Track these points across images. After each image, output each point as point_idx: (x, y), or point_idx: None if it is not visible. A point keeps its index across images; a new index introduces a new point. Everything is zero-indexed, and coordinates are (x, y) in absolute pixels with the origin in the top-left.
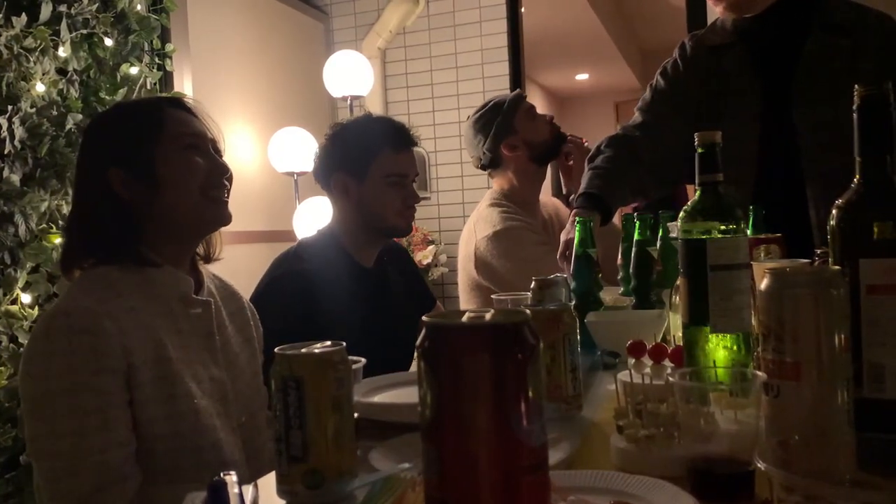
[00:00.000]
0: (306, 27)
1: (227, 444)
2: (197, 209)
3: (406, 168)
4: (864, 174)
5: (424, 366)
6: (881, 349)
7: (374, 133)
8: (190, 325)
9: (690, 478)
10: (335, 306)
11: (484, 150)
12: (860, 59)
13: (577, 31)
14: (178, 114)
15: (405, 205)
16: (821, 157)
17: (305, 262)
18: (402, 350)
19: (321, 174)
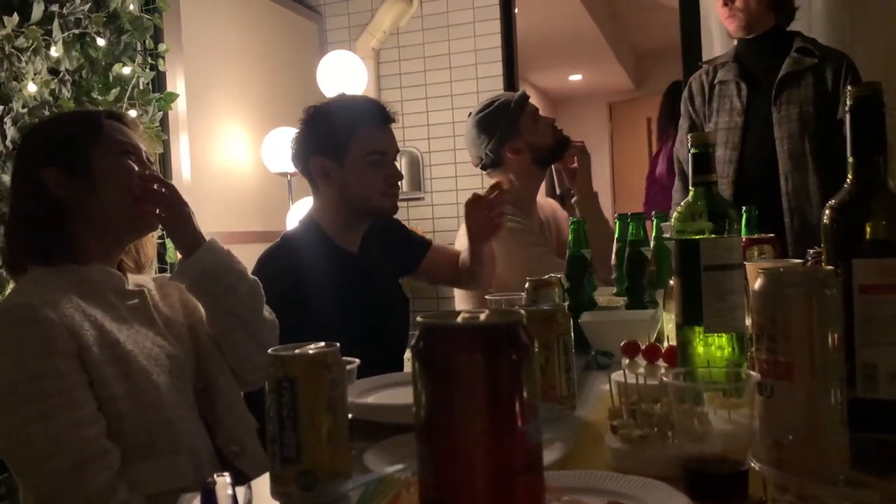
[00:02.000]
0: (300, 27)
1: (192, 417)
2: (129, 212)
3: (386, 145)
4: (857, 175)
5: (419, 366)
6: (874, 349)
7: (350, 112)
8: (132, 314)
9: (684, 478)
10: (322, 296)
11: (486, 151)
12: (821, 76)
13: (570, 32)
14: (115, 125)
15: (388, 184)
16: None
17: (288, 256)
18: (391, 335)
19: (299, 159)
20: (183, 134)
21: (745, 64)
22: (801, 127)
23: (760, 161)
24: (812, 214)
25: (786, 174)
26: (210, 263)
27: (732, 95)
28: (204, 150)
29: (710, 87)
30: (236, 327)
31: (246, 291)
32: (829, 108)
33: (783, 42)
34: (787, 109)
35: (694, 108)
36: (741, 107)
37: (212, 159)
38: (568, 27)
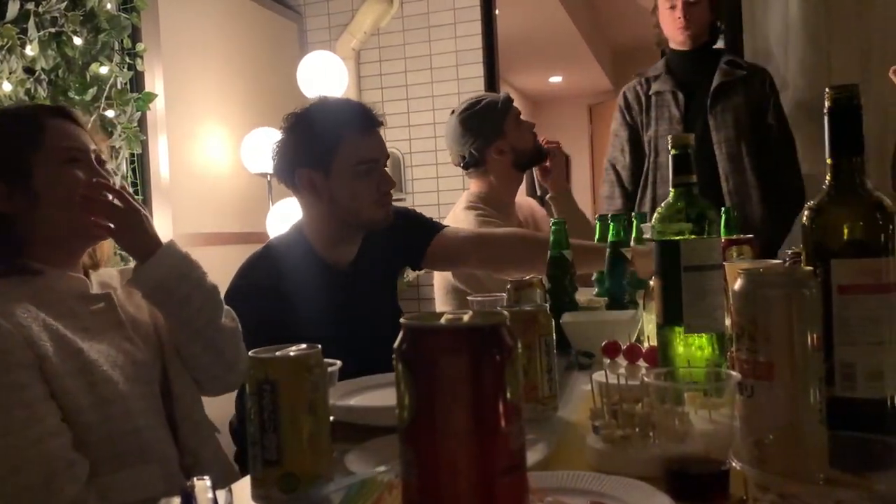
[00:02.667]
0: (280, 27)
1: (160, 425)
2: (74, 227)
3: (375, 152)
4: (835, 176)
5: (402, 368)
6: (852, 348)
7: (334, 119)
8: (96, 320)
9: (666, 478)
10: (301, 311)
11: (471, 150)
12: (750, 86)
13: (550, 33)
14: (60, 125)
15: (380, 192)
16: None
17: (269, 271)
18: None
19: (283, 172)
20: (161, 134)
21: (678, 76)
22: (737, 132)
23: (701, 164)
24: (752, 211)
25: (726, 175)
26: (162, 275)
27: (670, 105)
28: (183, 151)
29: (646, 97)
30: (192, 339)
31: (202, 302)
32: (761, 115)
33: (711, 57)
34: (723, 116)
35: (631, 116)
36: (679, 115)
37: (191, 160)
38: (548, 29)
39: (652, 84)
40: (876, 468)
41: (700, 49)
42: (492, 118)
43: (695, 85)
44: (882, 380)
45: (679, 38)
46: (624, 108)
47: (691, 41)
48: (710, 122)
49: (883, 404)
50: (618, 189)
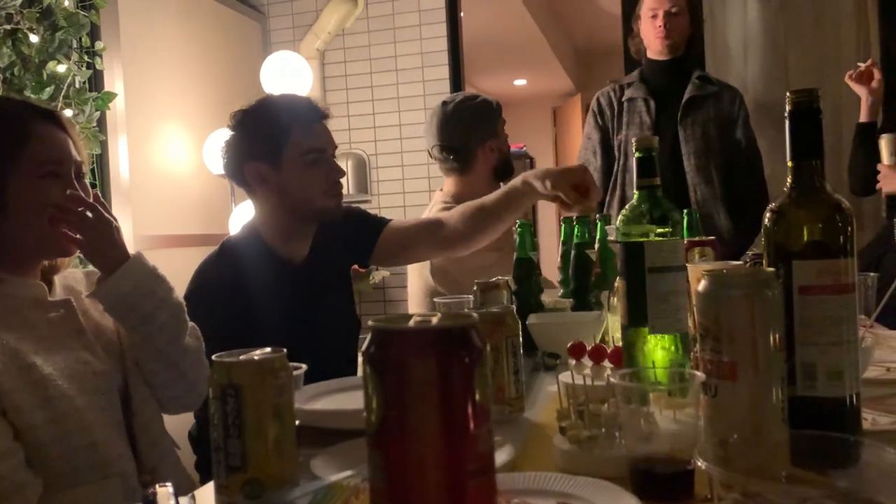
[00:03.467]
0: (243, 27)
1: (120, 439)
2: (41, 241)
3: (323, 142)
4: (795, 179)
5: (370, 371)
6: (813, 348)
7: (281, 112)
8: (53, 329)
9: (632, 478)
10: (259, 309)
11: (465, 142)
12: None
13: (515, 36)
14: (46, 133)
15: (329, 182)
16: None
17: (224, 270)
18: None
19: (232, 168)
20: (122, 135)
21: (651, 84)
22: (706, 144)
23: (670, 173)
24: (719, 221)
25: (694, 185)
26: (125, 291)
27: (641, 111)
28: (143, 152)
29: (618, 103)
30: (153, 356)
31: (165, 320)
32: (729, 130)
33: (685, 70)
34: (693, 128)
35: (603, 120)
36: (650, 121)
37: (152, 161)
38: (513, 32)
39: (625, 90)
40: (836, 466)
41: (676, 61)
42: (489, 115)
43: (667, 95)
44: (842, 379)
45: (658, 47)
46: (597, 111)
47: (669, 51)
48: (680, 133)
49: (842, 403)
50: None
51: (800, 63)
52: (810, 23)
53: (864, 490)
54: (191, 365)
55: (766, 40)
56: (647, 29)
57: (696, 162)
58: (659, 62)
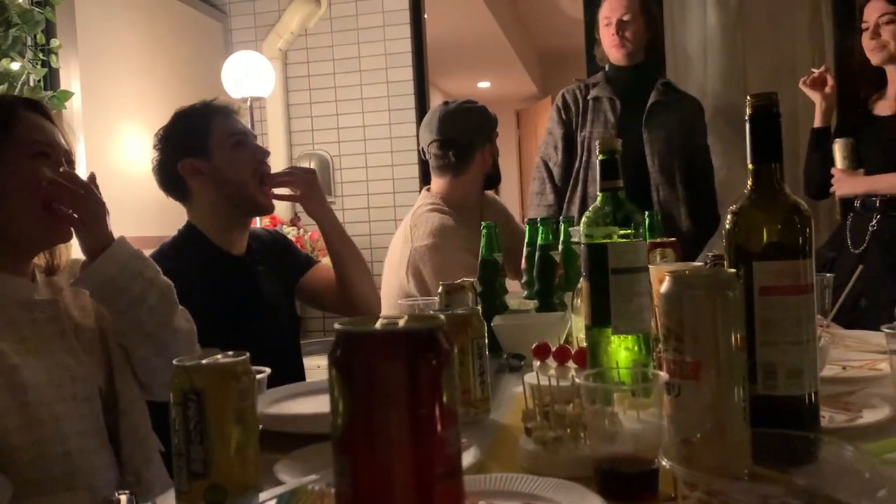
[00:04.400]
0: (204, 26)
1: (95, 447)
2: (37, 224)
3: (242, 127)
4: (755, 181)
5: (336, 374)
6: (773, 348)
7: (197, 111)
8: (37, 329)
9: (597, 478)
10: (209, 299)
11: (471, 140)
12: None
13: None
14: (34, 118)
15: (255, 161)
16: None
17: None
18: (282, 334)
19: (166, 175)
20: (78, 134)
21: (616, 85)
22: (669, 147)
23: (633, 172)
24: (681, 222)
25: (657, 186)
26: (113, 273)
27: (607, 110)
28: (101, 151)
29: (584, 101)
30: (144, 341)
31: (155, 301)
32: (690, 135)
33: (648, 77)
34: (657, 132)
35: (567, 116)
36: (615, 121)
37: (110, 160)
38: (476, 34)
39: (591, 90)
40: (797, 463)
41: (637, 67)
42: (489, 121)
43: (631, 97)
44: (801, 378)
45: (615, 55)
46: (561, 107)
47: (626, 59)
48: (645, 134)
49: (802, 401)
50: (549, 185)
51: (757, 68)
52: (767, 29)
53: (824, 487)
54: (183, 348)
55: (724, 46)
56: (604, 37)
57: (660, 163)
58: (621, 68)
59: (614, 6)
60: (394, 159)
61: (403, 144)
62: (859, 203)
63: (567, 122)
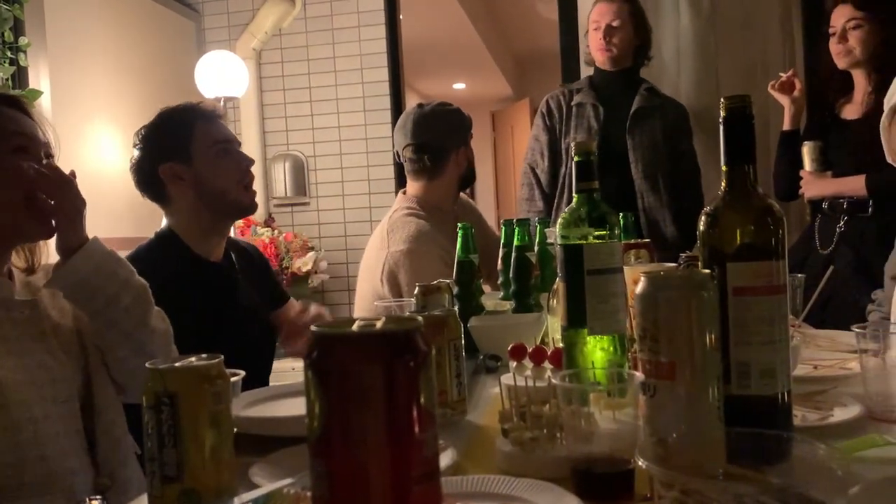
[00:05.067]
0: (176, 25)
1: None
2: (17, 218)
3: (226, 134)
4: (729, 183)
5: (313, 377)
6: (747, 348)
7: (181, 114)
8: (17, 330)
9: (573, 478)
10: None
11: (442, 144)
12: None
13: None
14: (12, 113)
15: (241, 171)
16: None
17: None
18: (259, 344)
19: (146, 178)
20: None
21: (600, 91)
22: (653, 153)
23: (618, 179)
24: (666, 228)
25: (641, 192)
26: (88, 272)
27: (590, 117)
28: (72, 152)
29: (567, 107)
30: (121, 341)
31: (130, 301)
32: (675, 140)
33: (632, 81)
34: (641, 137)
35: (552, 123)
36: (598, 127)
37: (81, 161)
38: (451, 36)
39: (574, 95)
40: (770, 462)
41: (622, 72)
42: (464, 123)
43: (615, 103)
44: (774, 377)
45: (600, 59)
46: (545, 114)
47: (612, 63)
48: (629, 141)
49: (775, 400)
50: (537, 191)
51: (729, 72)
52: (739, 33)
53: (797, 485)
54: (160, 348)
55: (697, 50)
56: (591, 40)
57: (644, 170)
58: (606, 72)
59: (603, 11)
60: (369, 160)
61: (379, 145)
62: (827, 205)
63: (552, 128)
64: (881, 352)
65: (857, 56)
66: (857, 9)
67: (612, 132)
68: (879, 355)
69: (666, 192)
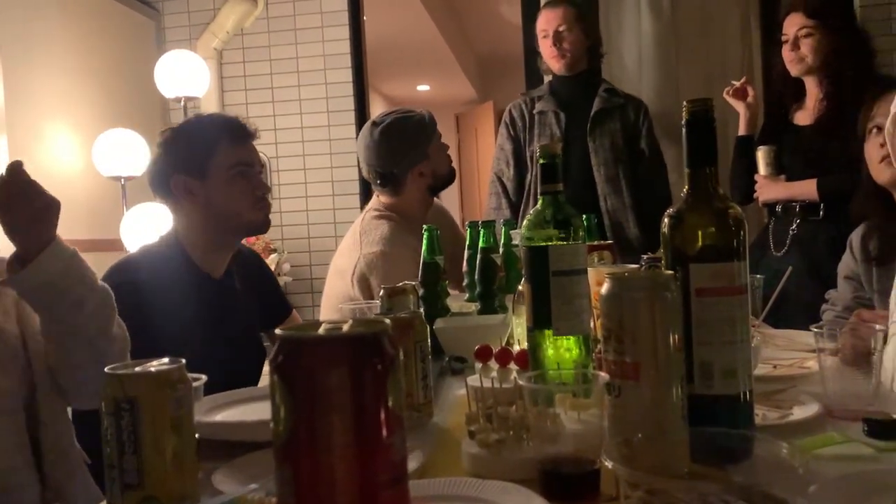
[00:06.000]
0: (135, 24)
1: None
2: None
3: (249, 157)
4: (691, 185)
5: (279, 381)
6: (709, 348)
7: (209, 128)
8: None
9: (540, 479)
10: (174, 320)
11: (392, 170)
12: (626, 114)
13: (418, 42)
14: None
15: (256, 195)
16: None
17: (142, 271)
18: (247, 365)
19: (158, 182)
20: (1, 134)
21: (560, 97)
22: (614, 155)
23: (581, 183)
24: (629, 229)
25: (604, 195)
26: (56, 274)
27: (552, 124)
28: (26, 152)
29: (529, 115)
30: (79, 348)
31: (95, 307)
32: (635, 140)
33: (591, 83)
34: (601, 140)
35: (515, 132)
36: (560, 133)
37: (35, 161)
38: (415, 37)
39: (536, 103)
40: (733, 461)
41: (579, 75)
42: (419, 140)
43: (576, 107)
44: (736, 377)
45: (555, 66)
46: (509, 123)
47: (566, 69)
48: (590, 144)
49: (737, 399)
50: (504, 200)
51: (690, 77)
52: (698, 35)
53: (760, 483)
54: (117, 356)
55: (658, 54)
56: (543, 49)
57: (606, 172)
58: (564, 77)
59: (550, 18)
60: (333, 161)
61: (342, 146)
62: (781, 208)
63: (515, 137)
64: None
65: (809, 63)
66: (809, 17)
67: (574, 136)
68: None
69: (629, 193)
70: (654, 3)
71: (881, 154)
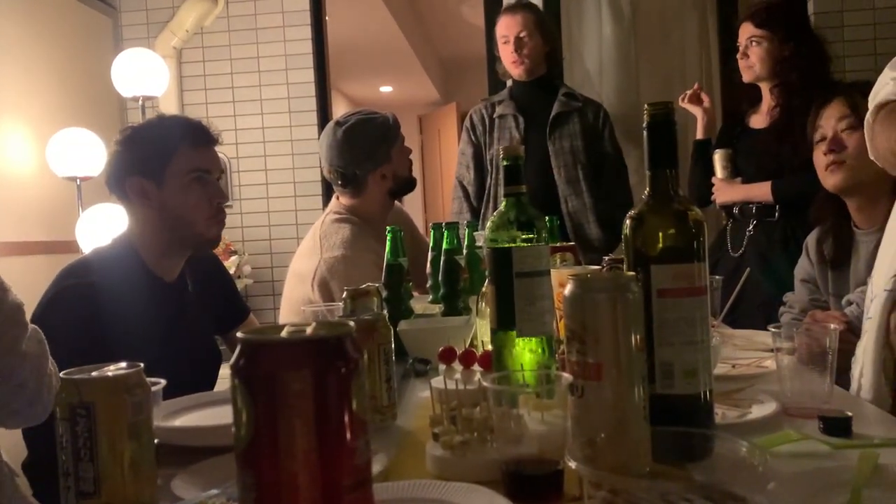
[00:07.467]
0: (91, 21)
1: None
2: None
3: (208, 163)
4: (652, 187)
5: (240, 385)
6: (670, 348)
7: (169, 130)
8: None
9: (504, 480)
10: (127, 324)
11: (354, 171)
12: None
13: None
14: None
15: (212, 205)
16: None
17: (94, 273)
18: (203, 370)
19: (114, 181)
20: None
21: (520, 102)
22: (574, 158)
23: (542, 186)
24: (590, 230)
25: (565, 197)
26: None
27: (511, 127)
28: None
29: (490, 120)
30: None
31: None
32: (594, 142)
33: (551, 88)
34: (561, 143)
35: (476, 136)
36: (520, 137)
37: None
38: (378, 39)
39: (496, 108)
40: (694, 459)
41: (539, 80)
42: (382, 141)
43: (535, 111)
44: (696, 376)
45: (515, 72)
46: (469, 128)
47: (526, 74)
48: (550, 147)
49: (697, 399)
50: (465, 204)
51: (650, 81)
52: (658, 40)
53: (720, 482)
54: (31, 375)
55: (619, 58)
56: (503, 54)
57: (566, 175)
58: (524, 83)
59: (510, 24)
60: (294, 162)
61: (304, 147)
62: (738, 210)
63: (476, 142)
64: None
65: (758, 72)
66: (757, 27)
67: (533, 140)
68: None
69: (589, 195)
70: (615, 8)
71: (826, 162)
